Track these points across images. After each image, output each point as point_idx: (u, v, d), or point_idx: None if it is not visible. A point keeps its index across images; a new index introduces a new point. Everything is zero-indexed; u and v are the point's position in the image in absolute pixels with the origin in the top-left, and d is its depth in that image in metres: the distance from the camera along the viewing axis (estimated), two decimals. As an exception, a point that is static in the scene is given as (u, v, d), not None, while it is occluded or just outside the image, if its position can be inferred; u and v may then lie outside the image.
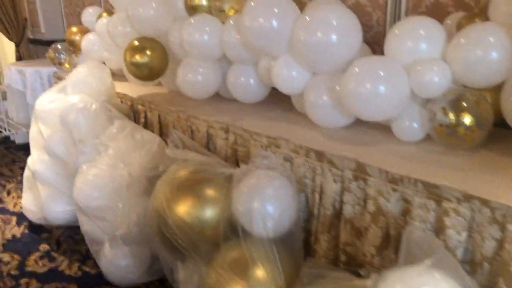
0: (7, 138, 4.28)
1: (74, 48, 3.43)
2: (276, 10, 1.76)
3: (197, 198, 1.70)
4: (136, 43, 2.36)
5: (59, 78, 3.60)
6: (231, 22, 2.05)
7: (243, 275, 1.49)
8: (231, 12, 2.11)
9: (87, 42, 3.25)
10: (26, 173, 2.54)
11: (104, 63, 3.19)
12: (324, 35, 1.62)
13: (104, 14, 3.08)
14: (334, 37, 1.61)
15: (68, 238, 2.57)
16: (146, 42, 2.36)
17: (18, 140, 4.32)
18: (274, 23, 1.75)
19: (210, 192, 1.71)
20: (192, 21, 2.15)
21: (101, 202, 1.94)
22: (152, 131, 2.43)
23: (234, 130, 1.92)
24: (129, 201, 1.83)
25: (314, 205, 1.59)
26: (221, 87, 2.33)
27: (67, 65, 3.54)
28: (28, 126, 4.30)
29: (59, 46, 3.53)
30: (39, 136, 2.36)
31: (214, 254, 1.63)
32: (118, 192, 1.88)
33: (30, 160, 2.50)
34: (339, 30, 1.62)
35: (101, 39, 3.18)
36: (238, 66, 2.16)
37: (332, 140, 1.66)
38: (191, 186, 1.72)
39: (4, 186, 3.38)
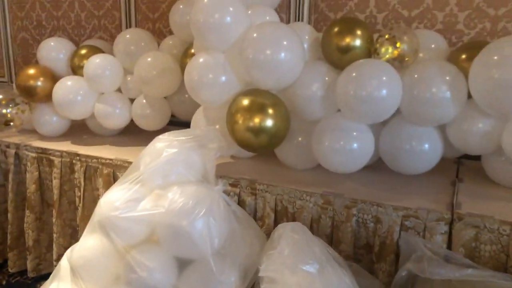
0: None
1: (31, 98, 2.28)
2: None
3: None
4: (249, 100, 1.58)
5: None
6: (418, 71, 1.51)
7: None
8: (409, 58, 1.57)
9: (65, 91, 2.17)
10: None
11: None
12: None
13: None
14: None
15: None
16: (265, 98, 1.60)
17: None
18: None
19: None
20: (356, 72, 1.52)
21: None
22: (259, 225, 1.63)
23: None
24: None
25: None
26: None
27: (17, 123, 2.35)
28: None
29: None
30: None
31: None
32: None
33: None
34: None
35: (92, 87, 2.17)
36: (412, 128, 1.62)
37: None
38: None
39: None
